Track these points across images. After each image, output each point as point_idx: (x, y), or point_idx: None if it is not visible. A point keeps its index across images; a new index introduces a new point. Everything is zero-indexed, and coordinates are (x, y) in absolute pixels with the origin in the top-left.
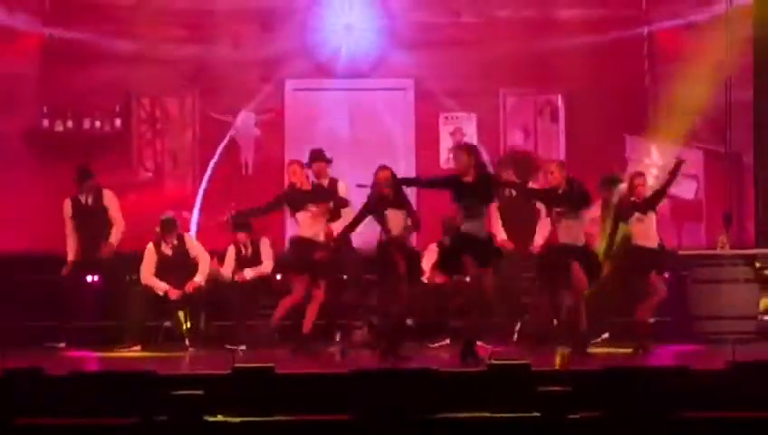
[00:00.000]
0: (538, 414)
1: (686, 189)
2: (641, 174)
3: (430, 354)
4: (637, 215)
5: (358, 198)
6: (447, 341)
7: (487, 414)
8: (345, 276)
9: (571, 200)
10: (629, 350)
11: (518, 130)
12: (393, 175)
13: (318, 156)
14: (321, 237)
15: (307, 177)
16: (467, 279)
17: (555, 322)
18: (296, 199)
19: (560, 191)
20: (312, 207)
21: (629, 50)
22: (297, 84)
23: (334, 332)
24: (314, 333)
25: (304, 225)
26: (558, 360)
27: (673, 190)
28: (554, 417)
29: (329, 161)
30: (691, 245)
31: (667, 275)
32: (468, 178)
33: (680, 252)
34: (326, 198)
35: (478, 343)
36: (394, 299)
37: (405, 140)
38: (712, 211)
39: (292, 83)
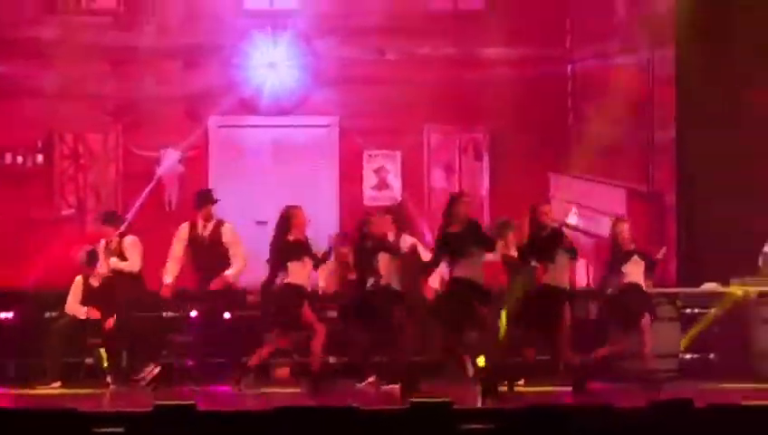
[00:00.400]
0: None
1: (608, 228)
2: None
3: (355, 392)
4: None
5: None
6: (372, 379)
7: None
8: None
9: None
10: (552, 388)
11: (441, 168)
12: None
13: (206, 199)
14: None
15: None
16: None
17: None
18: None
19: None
20: None
21: (553, 88)
22: (221, 121)
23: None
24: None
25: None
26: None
27: (595, 230)
28: None
29: (214, 202)
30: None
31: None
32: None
33: (609, 291)
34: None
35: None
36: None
37: (329, 178)
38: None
39: (217, 120)
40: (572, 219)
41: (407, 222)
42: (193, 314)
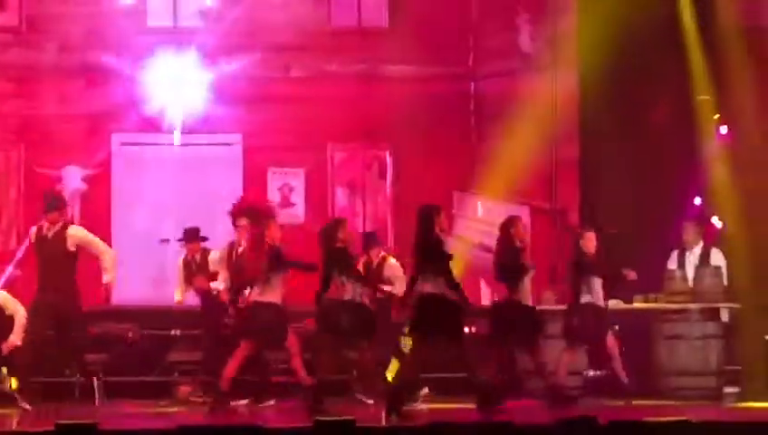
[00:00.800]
0: None
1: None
2: None
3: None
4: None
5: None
6: (272, 401)
7: None
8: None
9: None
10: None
11: (345, 186)
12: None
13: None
14: None
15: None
16: None
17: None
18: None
19: None
20: None
21: (457, 106)
22: (124, 139)
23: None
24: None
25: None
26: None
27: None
28: None
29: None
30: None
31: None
32: None
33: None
34: None
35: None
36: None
37: (233, 195)
38: (537, 267)
39: (120, 138)
40: (476, 237)
41: None
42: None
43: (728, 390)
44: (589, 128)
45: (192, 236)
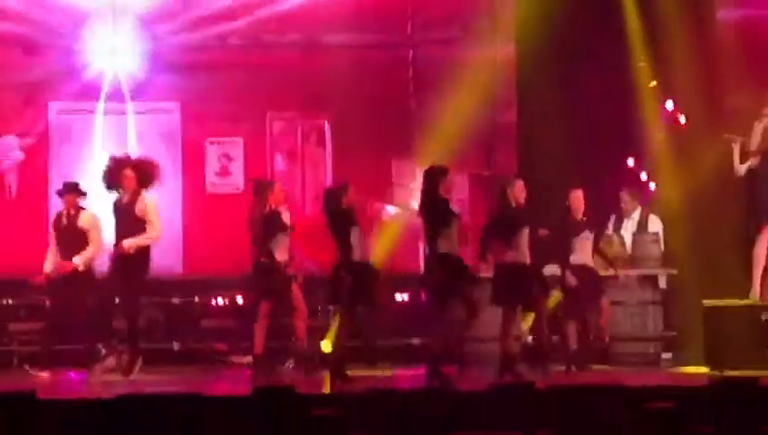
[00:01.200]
0: None
1: None
2: None
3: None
4: None
5: None
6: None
7: None
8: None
9: None
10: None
11: (284, 155)
12: None
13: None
14: None
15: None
16: None
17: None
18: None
19: None
20: None
21: (395, 74)
22: (61, 107)
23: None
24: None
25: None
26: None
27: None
28: None
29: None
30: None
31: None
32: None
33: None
34: None
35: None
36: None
37: (171, 164)
38: (477, 234)
39: (57, 106)
40: (415, 205)
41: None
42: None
43: (665, 356)
44: (526, 96)
45: (70, 188)
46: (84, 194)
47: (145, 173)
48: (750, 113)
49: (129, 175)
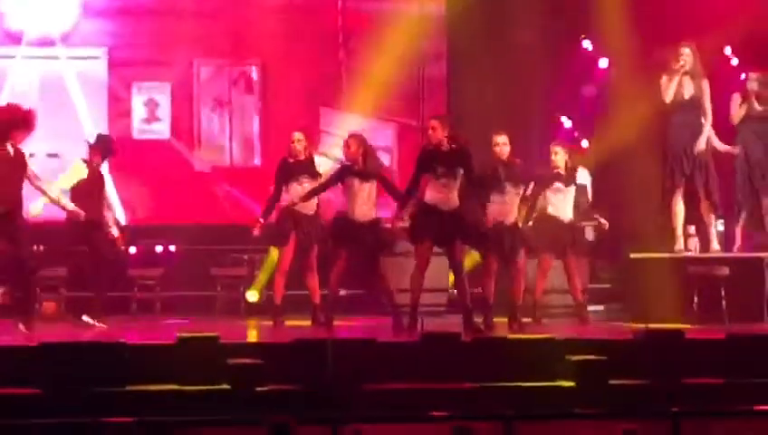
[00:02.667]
0: (227, 386)
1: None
2: None
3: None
4: None
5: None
6: None
7: (176, 387)
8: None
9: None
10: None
11: (212, 101)
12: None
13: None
14: None
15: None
16: None
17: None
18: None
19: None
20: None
21: (324, 23)
22: None
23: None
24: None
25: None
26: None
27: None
28: (244, 389)
29: None
30: (386, 218)
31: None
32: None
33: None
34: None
35: None
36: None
37: (97, 111)
38: (404, 184)
39: None
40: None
41: None
42: None
43: (593, 308)
44: (456, 48)
45: None
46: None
47: None
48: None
49: None
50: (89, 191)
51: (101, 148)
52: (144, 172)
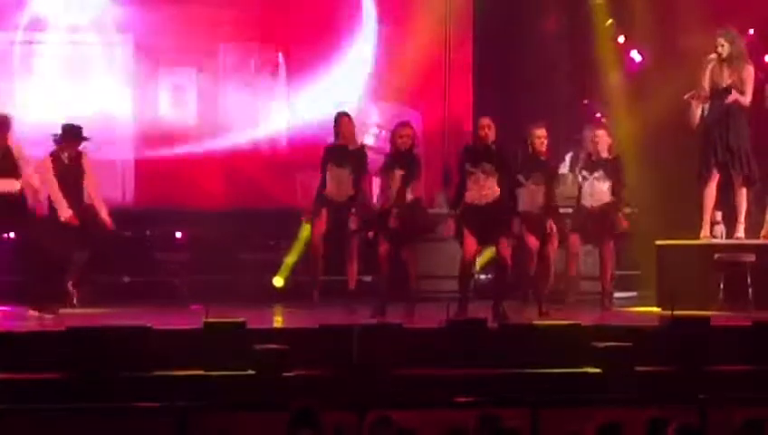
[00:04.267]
0: (253, 372)
1: None
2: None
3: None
4: None
5: None
6: None
7: (202, 372)
8: None
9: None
10: None
11: (238, 86)
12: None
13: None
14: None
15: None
16: None
17: None
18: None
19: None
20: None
21: (350, 8)
22: (12, 38)
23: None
24: None
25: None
26: None
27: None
28: (270, 374)
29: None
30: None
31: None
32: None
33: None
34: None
35: None
36: None
37: (124, 96)
38: (430, 170)
39: (7, 36)
40: (369, 140)
41: None
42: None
43: (620, 295)
44: (483, 33)
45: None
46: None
47: None
48: (703, 53)
49: None
50: (63, 182)
51: (71, 136)
52: (171, 157)
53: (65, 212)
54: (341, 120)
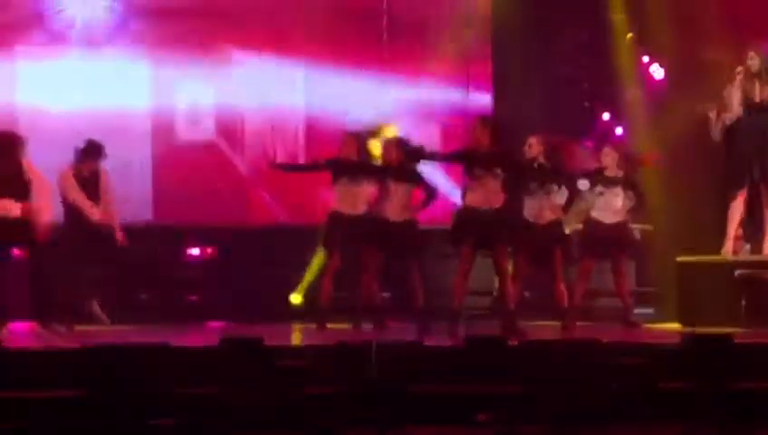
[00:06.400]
0: (271, 390)
1: None
2: None
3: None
4: None
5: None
6: None
7: (219, 389)
8: None
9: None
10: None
11: (257, 99)
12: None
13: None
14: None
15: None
16: None
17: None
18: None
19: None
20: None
21: (369, 22)
22: (30, 53)
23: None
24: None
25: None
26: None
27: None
28: (288, 392)
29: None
30: (430, 219)
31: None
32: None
33: (420, 227)
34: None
35: None
36: None
37: (141, 111)
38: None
39: (25, 50)
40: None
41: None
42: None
43: (639, 311)
44: (502, 48)
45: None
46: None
47: None
48: (727, 67)
49: None
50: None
51: (92, 152)
52: (189, 173)
53: (93, 213)
54: (346, 139)
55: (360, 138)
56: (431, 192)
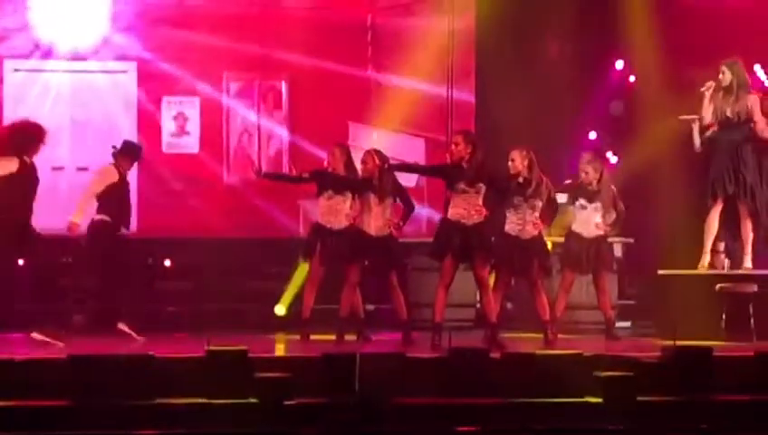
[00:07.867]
0: (256, 400)
1: (406, 178)
2: None
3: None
4: None
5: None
6: None
7: (204, 400)
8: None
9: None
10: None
11: (241, 115)
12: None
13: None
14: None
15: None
16: None
17: None
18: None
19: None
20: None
21: (353, 37)
22: (17, 65)
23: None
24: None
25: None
26: None
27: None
28: (272, 403)
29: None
30: (412, 232)
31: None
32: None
33: (400, 240)
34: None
35: None
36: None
37: (127, 124)
38: (432, 199)
39: (12, 64)
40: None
41: None
42: None
43: (621, 324)
44: (485, 64)
45: None
46: None
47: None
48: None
49: None
50: (120, 198)
51: (130, 153)
52: (174, 186)
53: (75, 217)
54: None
55: (348, 150)
56: (411, 206)
